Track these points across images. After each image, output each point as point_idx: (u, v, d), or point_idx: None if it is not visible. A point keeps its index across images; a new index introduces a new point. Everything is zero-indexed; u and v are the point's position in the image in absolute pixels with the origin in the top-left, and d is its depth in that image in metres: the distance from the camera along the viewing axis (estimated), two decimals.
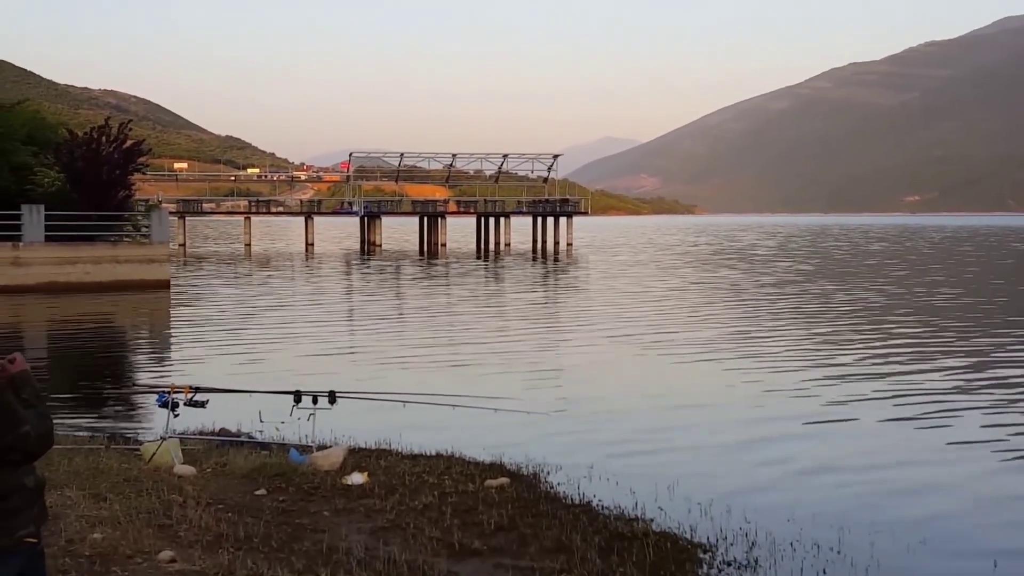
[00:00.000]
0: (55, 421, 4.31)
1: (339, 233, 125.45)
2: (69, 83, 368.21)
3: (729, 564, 8.53)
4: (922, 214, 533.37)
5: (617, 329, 27.12)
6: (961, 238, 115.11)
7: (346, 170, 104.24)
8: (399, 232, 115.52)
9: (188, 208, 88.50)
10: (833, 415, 15.42)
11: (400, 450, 11.97)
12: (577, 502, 10.00)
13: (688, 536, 9.12)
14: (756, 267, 57.98)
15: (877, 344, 24.04)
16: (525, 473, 11.10)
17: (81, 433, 13.09)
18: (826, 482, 11.75)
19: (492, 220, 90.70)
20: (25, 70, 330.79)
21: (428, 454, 11.77)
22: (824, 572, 8.56)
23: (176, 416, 11.32)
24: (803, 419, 15.19)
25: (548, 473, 11.28)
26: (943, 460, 12.92)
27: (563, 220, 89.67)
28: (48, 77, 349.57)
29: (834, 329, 27.34)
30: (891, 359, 21.57)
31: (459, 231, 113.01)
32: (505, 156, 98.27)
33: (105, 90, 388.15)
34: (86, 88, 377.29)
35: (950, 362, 21.01)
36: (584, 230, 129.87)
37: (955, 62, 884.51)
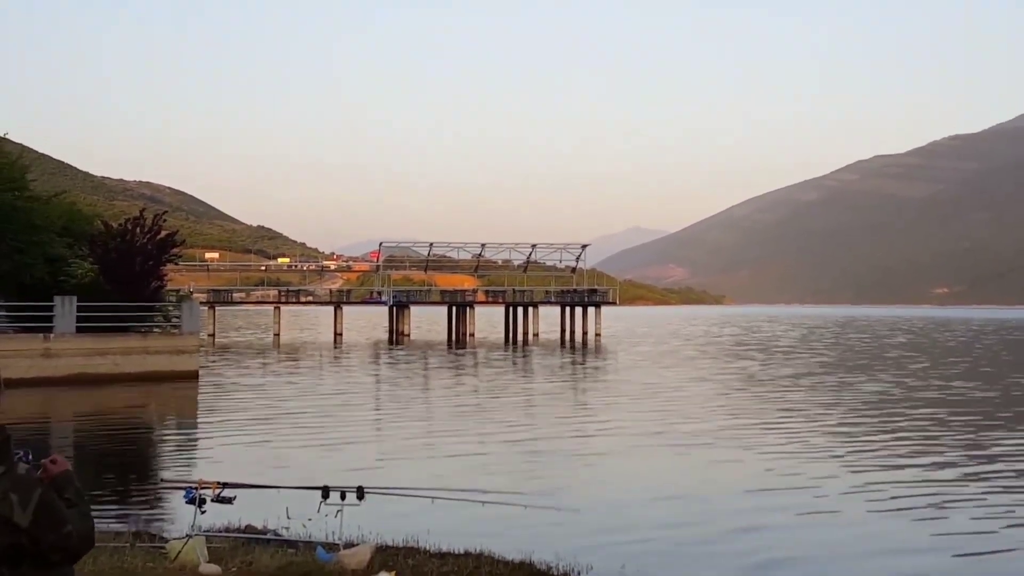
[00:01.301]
0: None
1: (368, 322, 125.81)
2: (105, 175, 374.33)
3: None
4: (951, 306, 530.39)
5: (646, 422, 26.90)
6: (987, 331, 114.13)
7: (376, 259, 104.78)
8: (428, 321, 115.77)
9: (218, 298, 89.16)
10: (831, 506, 15.21)
11: (428, 548, 11.79)
12: None
13: None
14: (775, 358, 57.74)
15: (885, 437, 24.15)
16: (555, 572, 10.93)
17: (107, 530, 13.00)
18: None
19: (520, 309, 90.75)
20: (62, 162, 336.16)
21: (457, 552, 11.59)
22: None
23: (203, 513, 11.22)
24: (798, 510, 15.06)
25: (579, 573, 11.10)
26: (930, 550, 12.77)
27: (591, 310, 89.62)
28: (84, 169, 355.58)
29: (844, 421, 27.51)
30: (896, 452, 21.67)
31: (487, 320, 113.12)
32: (534, 246, 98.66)
33: (140, 181, 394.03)
34: (121, 180, 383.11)
35: (952, 455, 21.12)
36: (613, 320, 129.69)
37: (980, 155, 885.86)
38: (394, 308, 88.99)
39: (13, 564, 3.89)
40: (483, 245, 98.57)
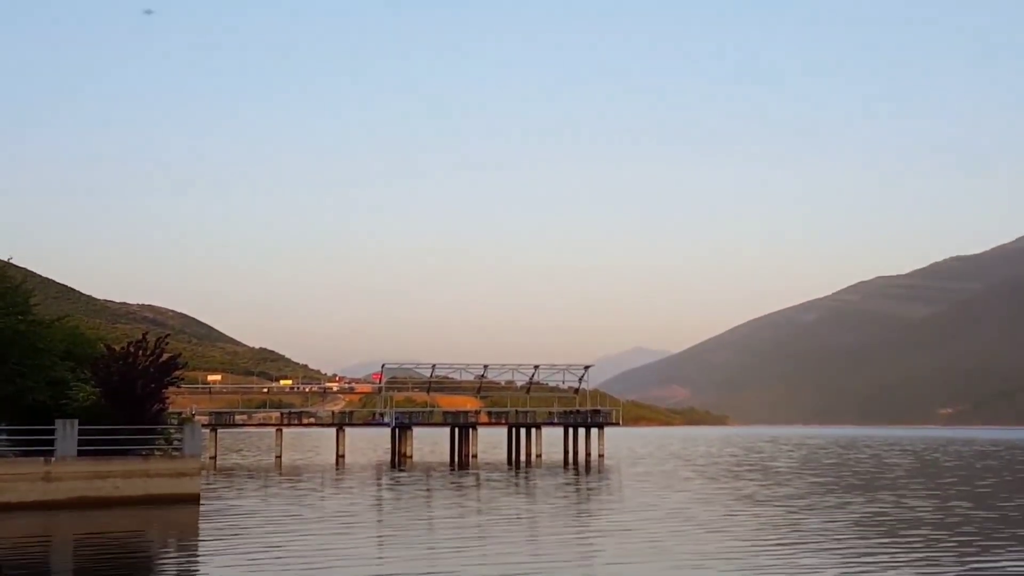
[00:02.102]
0: None
1: (370, 444, 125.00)
2: (108, 298, 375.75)
3: None
4: (956, 427, 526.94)
5: (646, 543, 26.70)
6: (986, 452, 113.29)
7: (378, 381, 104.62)
8: (430, 443, 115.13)
9: (220, 420, 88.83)
10: None
11: None
12: None
13: None
14: (772, 479, 57.48)
15: (878, 555, 24.30)
16: None
17: None
18: None
19: (523, 431, 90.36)
20: (65, 286, 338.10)
21: None
22: None
23: None
24: None
25: None
26: None
27: (595, 431, 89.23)
28: (87, 292, 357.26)
29: (835, 544, 27.22)
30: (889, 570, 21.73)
31: (490, 442, 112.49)
32: (536, 367, 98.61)
33: (143, 304, 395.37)
34: (124, 303, 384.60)
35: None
36: (616, 440, 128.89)
37: (982, 275, 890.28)
38: (396, 430, 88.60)
39: None
40: (485, 366, 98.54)
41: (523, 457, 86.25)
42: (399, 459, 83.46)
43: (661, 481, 56.06)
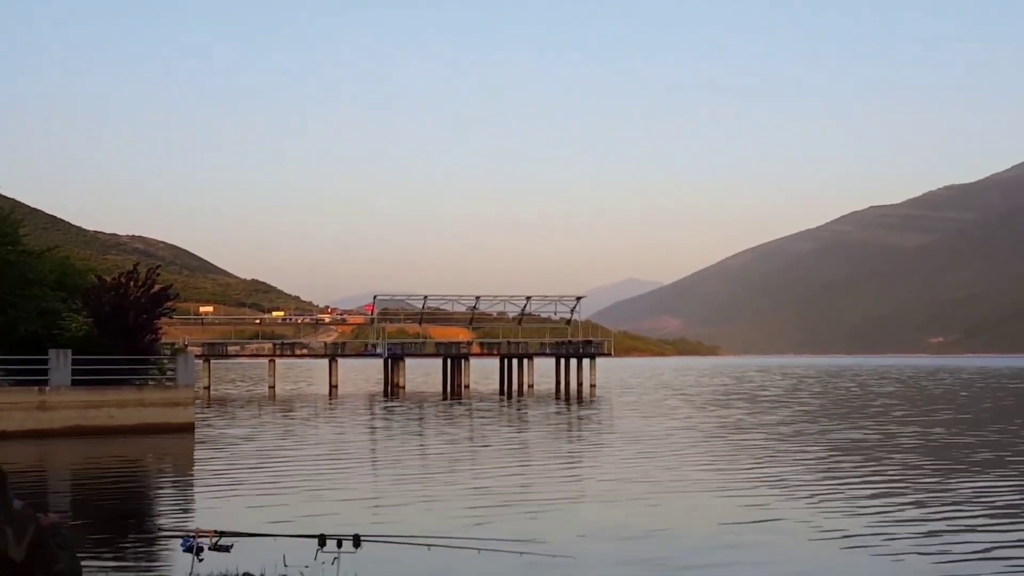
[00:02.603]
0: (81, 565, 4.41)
1: (363, 375, 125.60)
2: (98, 229, 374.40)
3: None
4: (946, 355, 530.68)
5: (633, 468, 27.03)
6: (972, 381, 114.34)
7: (370, 312, 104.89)
8: (423, 373, 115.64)
9: (213, 351, 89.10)
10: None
11: None
12: None
13: None
14: (759, 407, 58.37)
15: (855, 480, 24.84)
16: None
17: None
18: None
19: (515, 361, 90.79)
20: (55, 217, 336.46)
21: None
22: None
23: (201, 561, 11.24)
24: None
25: None
26: None
27: (586, 361, 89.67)
28: (77, 223, 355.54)
29: (818, 466, 27.95)
30: (863, 494, 22.20)
31: (482, 372, 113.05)
32: (528, 298, 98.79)
33: (133, 235, 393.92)
34: (114, 234, 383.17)
35: (917, 498, 21.48)
36: (607, 371, 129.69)
37: (975, 205, 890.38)
38: (389, 360, 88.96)
39: None
40: (478, 298, 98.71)
41: (515, 387, 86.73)
42: (392, 389, 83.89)
43: (650, 410, 56.51)
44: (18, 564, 3.95)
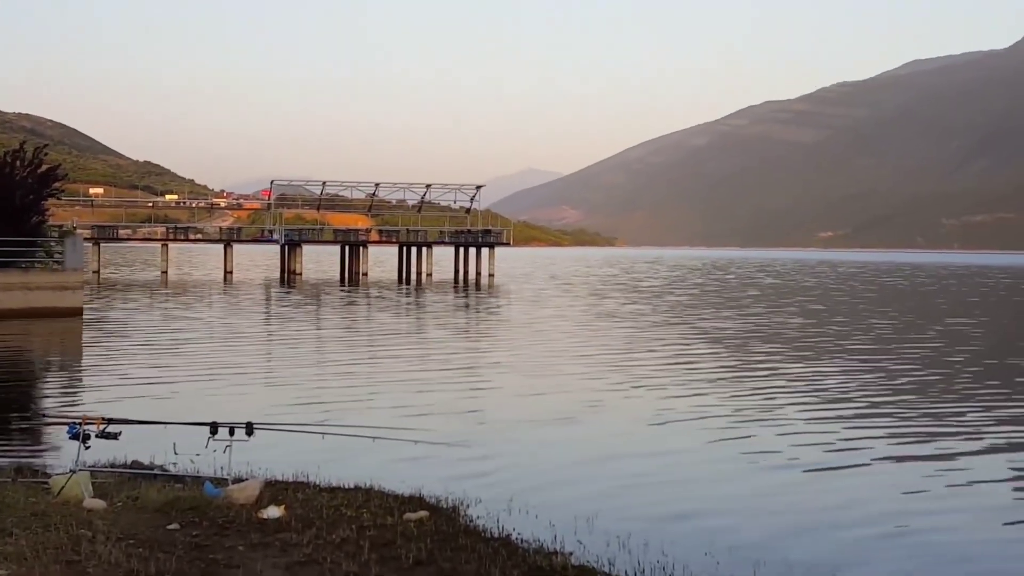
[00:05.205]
0: None
1: (259, 261, 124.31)
2: None
3: None
4: (835, 249, 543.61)
5: (534, 361, 27.28)
6: (851, 273, 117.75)
7: (267, 198, 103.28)
8: (320, 261, 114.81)
9: (103, 234, 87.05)
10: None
11: (318, 483, 11.79)
12: (496, 536, 9.92)
13: (607, 570, 9.12)
14: (631, 298, 60.19)
15: (698, 363, 25.24)
16: (444, 506, 11.00)
17: None
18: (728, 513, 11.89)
19: (414, 250, 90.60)
20: None
21: (347, 487, 11.61)
22: None
23: (87, 448, 11.02)
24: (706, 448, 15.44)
25: (468, 506, 11.22)
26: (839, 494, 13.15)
27: (485, 251, 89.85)
28: None
29: (670, 353, 28.62)
30: (699, 378, 22.54)
31: (381, 260, 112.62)
32: (428, 186, 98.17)
33: (19, 113, 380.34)
34: None
35: (751, 384, 21.71)
36: (505, 260, 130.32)
37: (867, 102, 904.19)
38: (286, 247, 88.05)
39: None
40: (377, 184, 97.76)
41: (414, 275, 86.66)
42: (289, 276, 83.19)
43: (537, 299, 57.16)
44: None
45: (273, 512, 9.78)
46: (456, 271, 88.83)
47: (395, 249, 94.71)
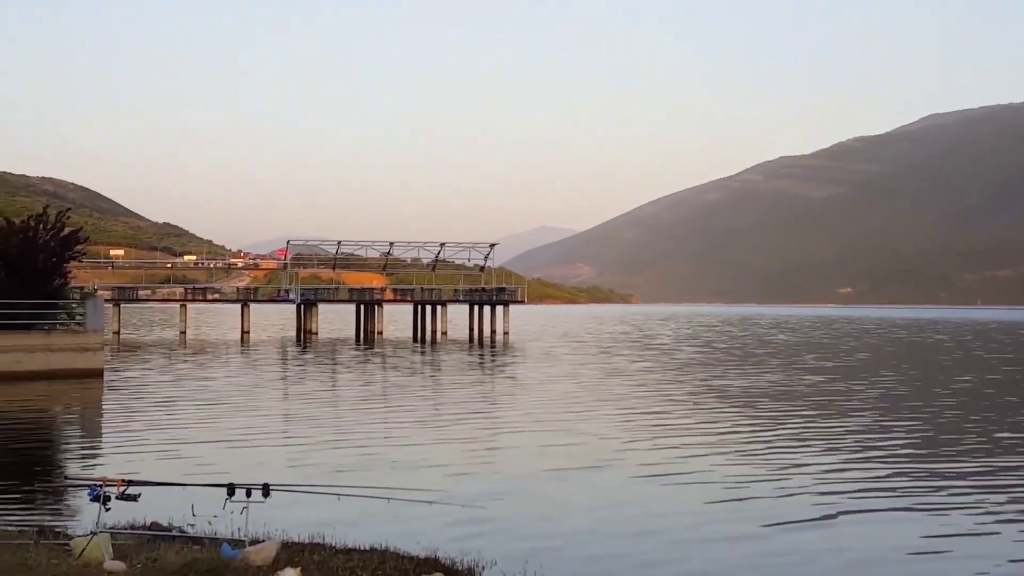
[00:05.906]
0: None
1: (275, 320, 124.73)
2: (6, 170, 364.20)
3: None
4: (854, 306, 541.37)
5: (547, 419, 27.35)
6: (867, 331, 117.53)
7: (283, 257, 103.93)
8: (336, 320, 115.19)
9: (123, 295, 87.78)
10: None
11: (334, 544, 11.93)
12: None
13: None
14: (640, 355, 60.32)
15: (698, 421, 26.07)
16: (460, 568, 11.12)
17: (9, 528, 12.91)
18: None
19: (429, 308, 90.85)
20: None
21: (362, 548, 11.74)
22: None
23: (108, 510, 11.20)
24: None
25: (483, 568, 11.34)
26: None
27: (500, 308, 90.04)
28: None
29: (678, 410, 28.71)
30: (704, 433, 23.10)
31: (396, 319, 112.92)
32: (442, 245, 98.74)
33: (43, 177, 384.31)
34: (24, 175, 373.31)
35: (753, 438, 21.86)
36: (520, 318, 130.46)
37: (884, 157, 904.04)
38: (302, 306, 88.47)
39: None
40: (391, 243, 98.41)
41: (428, 334, 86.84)
42: (304, 335, 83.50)
43: (572, 359, 57.23)
44: None
45: (290, 574, 9.94)
46: (471, 329, 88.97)
47: (410, 307, 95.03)
